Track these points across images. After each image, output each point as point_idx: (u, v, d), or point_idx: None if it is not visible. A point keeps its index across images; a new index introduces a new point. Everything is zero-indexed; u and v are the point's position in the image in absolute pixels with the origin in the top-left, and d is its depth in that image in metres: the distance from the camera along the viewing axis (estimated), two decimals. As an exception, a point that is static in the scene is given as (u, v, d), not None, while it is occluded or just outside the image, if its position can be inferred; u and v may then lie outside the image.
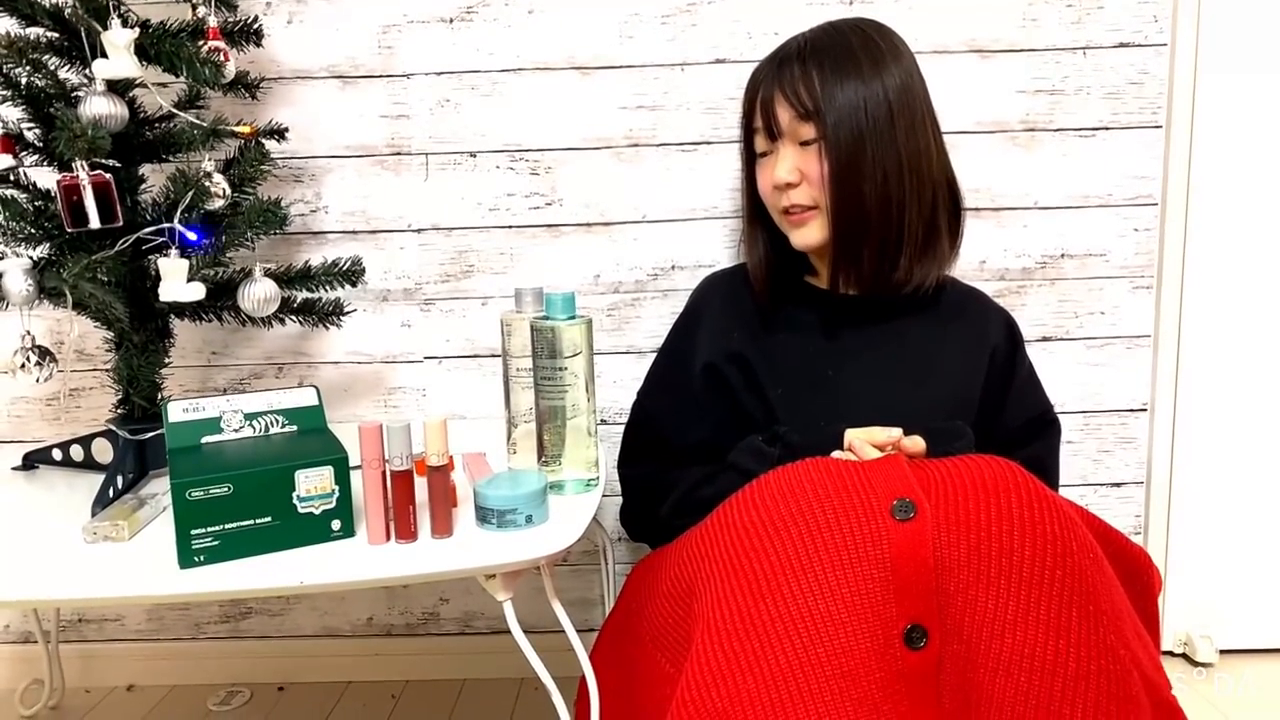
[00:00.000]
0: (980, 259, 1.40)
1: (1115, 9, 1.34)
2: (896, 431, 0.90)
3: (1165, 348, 1.41)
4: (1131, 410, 1.44)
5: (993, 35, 1.35)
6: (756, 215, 1.13)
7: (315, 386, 0.99)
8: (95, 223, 1.00)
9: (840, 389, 1.05)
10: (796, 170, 1.03)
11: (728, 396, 1.07)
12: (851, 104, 0.99)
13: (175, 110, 1.14)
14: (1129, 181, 1.38)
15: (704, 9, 1.34)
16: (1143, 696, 0.73)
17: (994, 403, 1.09)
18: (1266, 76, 1.35)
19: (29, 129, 1.09)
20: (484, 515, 0.89)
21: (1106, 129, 1.36)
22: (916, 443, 0.90)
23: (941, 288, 1.11)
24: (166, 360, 1.18)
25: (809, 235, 1.05)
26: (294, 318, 1.25)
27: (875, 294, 1.07)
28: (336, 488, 0.87)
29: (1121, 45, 1.35)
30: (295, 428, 0.96)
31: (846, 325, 1.08)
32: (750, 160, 1.11)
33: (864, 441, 0.91)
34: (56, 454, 1.19)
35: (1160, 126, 1.36)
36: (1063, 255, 1.39)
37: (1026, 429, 1.11)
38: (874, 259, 1.04)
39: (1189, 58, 1.34)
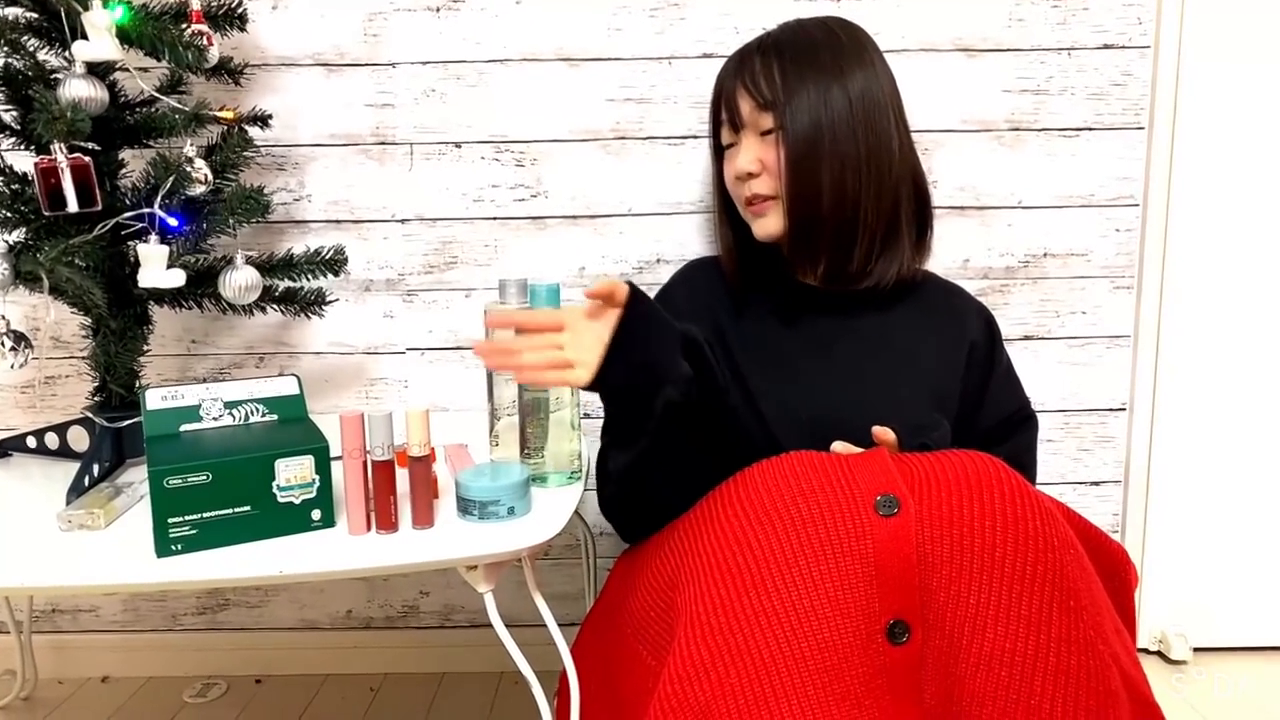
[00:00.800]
0: (964, 257, 1.40)
1: (1100, 10, 1.34)
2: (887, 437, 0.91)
3: (1145, 347, 1.42)
4: (1111, 409, 1.45)
5: (979, 35, 1.35)
6: (726, 210, 1.14)
7: (296, 375, 0.98)
8: (73, 206, 0.99)
9: (818, 381, 1.05)
10: (757, 160, 1.04)
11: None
12: (810, 95, 1.01)
13: (157, 94, 1.12)
14: (1111, 182, 1.39)
15: (692, 3, 1.34)
16: (1122, 692, 0.73)
17: (972, 398, 1.09)
18: (1248, 80, 1.36)
19: (6, 111, 1.08)
20: (465, 506, 0.89)
21: (1090, 129, 1.37)
22: (886, 432, 0.90)
23: (920, 283, 1.12)
24: (145, 348, 1.17)
25: (769, 225, 1.07)
26: (275, 307, 1.24)
27: (832, 287, 1.08)
28: (317, 477, 0.86)
29: (1106, 46, 1.35)
30: (276, 416, 0.95)
31: (823, 318, 1.08)
32: (719, 155, 1.13)
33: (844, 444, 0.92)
34: (31, 441, 1.18)
35: (1143, 128, 1.37)
36: (1045, 254, 1.40)
37: (1005, 425, 1.12)
38: (828, 250, 1.05)
39: (1172, 60, 1.35)
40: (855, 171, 1.01)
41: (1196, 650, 1.48)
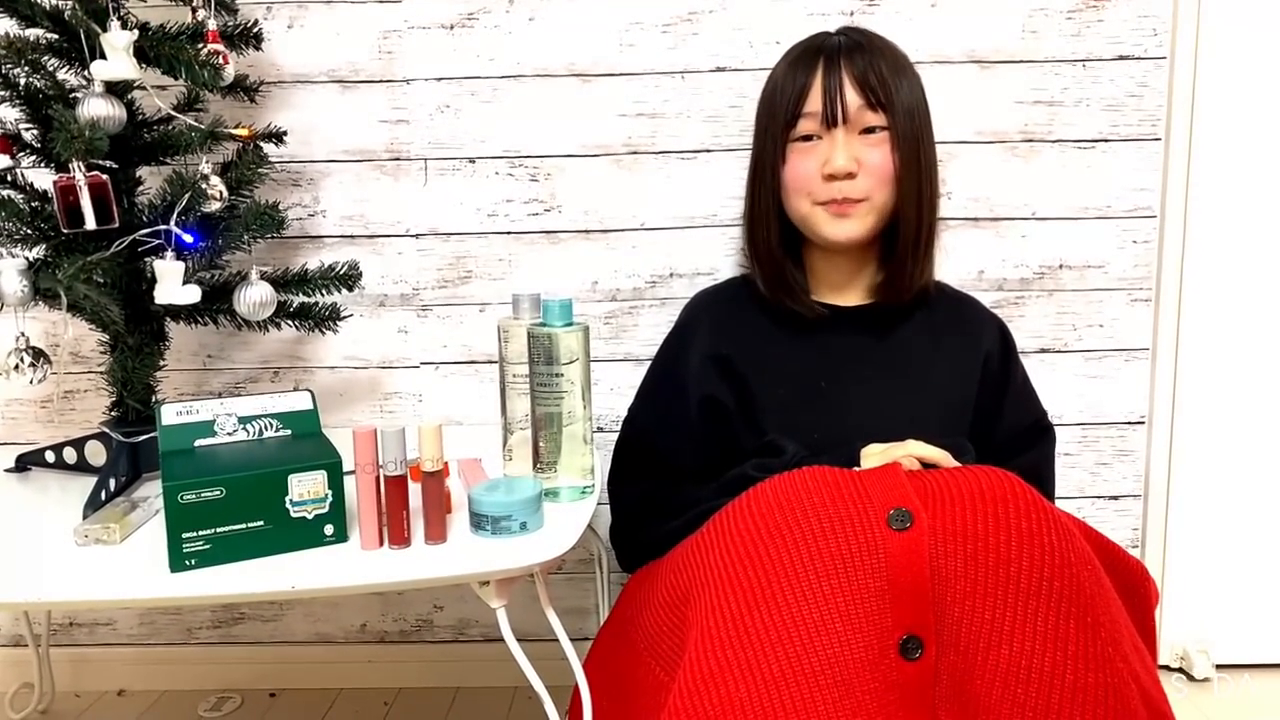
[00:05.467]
0: (979, 269, 1.39)
1: (1115, 22, 1.34)
2: (914, 447, 0.91)
3: (1163, 360, 1.41)
4: (1130, 423, 1.43)
5: (993, 46, 1.35)
6: (777, 214, 1.08)
7: (310, 390, 0.98)
8: (91, 224, 1.00)
9: (835, 399, 1.04)
10: (856, 159, 1.01)
11: (725, 424, 1.07)
12: (911, 99, 1.03)
13: (174, 112, 1.14)
14: (1128, 193, 1.38)
15: (705, 18, 1.34)
16: (1140, 710, 0.72)
17: (989, 410, 1.09)
18: (1265, 90, 1.35)
19: (27, 129, 1.09)
20: (478, 521, 0.89)
21: (1106, 141, 1.36)
22: (926, 449, 0.90)
23: (930, 293, 1.11)
24: (161, 363, 1.18)
25: (851, 228, 1.03)
26: (290, 322, 1.25)
27: (884, 301, 1.08)
28: (330, 492, 0.86)
29: (1121, 58, 1.35)
30: (289, 432, 0.95)
31: (840, 334, 1.08)
32: (769, 155, 1.06)
33: (885, 456, 0.91)
34: (49, 456, 1.18)
35: (1159, 139, 1.36)
36: (1061, 266, 1.39)
37: (1022, 437, 1.11)
38: (904, 258, 1.06)
39: (1188, 71, 1.34)
40: (929, 181, 1.04)
41: (1219, 667, 1.46)
